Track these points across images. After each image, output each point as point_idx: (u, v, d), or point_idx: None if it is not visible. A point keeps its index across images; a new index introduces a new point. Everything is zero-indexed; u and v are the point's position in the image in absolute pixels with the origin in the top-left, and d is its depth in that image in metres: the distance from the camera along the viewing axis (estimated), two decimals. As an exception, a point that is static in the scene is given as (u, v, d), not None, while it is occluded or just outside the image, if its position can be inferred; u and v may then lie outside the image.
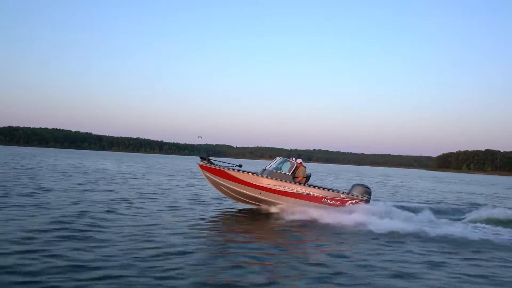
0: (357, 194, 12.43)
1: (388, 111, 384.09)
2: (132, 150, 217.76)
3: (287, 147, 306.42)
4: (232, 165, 12.75)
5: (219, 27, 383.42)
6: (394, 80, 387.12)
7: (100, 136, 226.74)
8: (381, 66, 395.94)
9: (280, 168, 12.43)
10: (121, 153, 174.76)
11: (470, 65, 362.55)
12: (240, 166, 12.76)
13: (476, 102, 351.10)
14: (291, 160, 12.68)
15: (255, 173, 12.70)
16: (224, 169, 12.40)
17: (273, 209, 12.20)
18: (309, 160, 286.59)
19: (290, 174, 12.23)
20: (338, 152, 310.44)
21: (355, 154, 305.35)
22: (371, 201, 12.77)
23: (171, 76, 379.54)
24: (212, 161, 12.83)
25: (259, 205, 12.65)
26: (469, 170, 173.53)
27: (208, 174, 12.65)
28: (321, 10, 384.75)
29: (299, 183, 12.34)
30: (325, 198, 12.15)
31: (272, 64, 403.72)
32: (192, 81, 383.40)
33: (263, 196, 12.18)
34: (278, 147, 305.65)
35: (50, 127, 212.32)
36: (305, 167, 12.71)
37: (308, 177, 12.86)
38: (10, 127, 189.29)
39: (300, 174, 12.46)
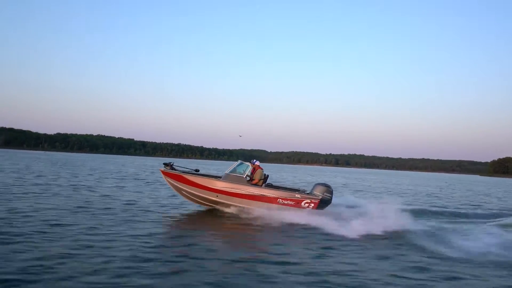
0: (316, 194, 12.56)
1: (424, 115, 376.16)
2: (175, 156, 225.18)
3: (323, 152, 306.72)
4: (191, 170, 13.16)
5: (257, 31, 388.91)
6: (434, 85, 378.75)
7: (144, 142, 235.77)
8: (413, 70, 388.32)
9: (237, 171, 12.67)
10: (167, 158, 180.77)
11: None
12: (197, 170, 13.24)
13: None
14: (248, 162, 12.98)
15: (219, 177, 12.92)
16: (182, 174, 12.71)
17: (229, 210, 12.45)
18: (348, 165, 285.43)
19: (245, 176, 12.50)
20: (373, 157, 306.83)
21: (392, 158, 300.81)
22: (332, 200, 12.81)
23: (212, 84, 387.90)
24: (174, 167, 13.16)
25: (215, 206, 12.94)
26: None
27: (169, 180, 12.99)
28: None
29: (255, 185, 12.60)
30: (280, 198, 12.36)
31: (307, 69, 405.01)
32: (229, 87, 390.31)
33: (220, 198, 12.52)
34: (314, 151, 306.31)
35: (95, 133, 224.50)
36: (262, 169, 12.96)
37: (265, 179, 13.09)
38: (65, 134, 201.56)
39: (257, 176, 12.75)
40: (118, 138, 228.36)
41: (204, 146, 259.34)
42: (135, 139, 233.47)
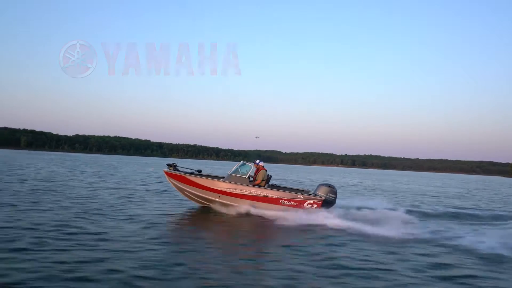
0: (319, 194, 12.54)
1: (441, 113, 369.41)
2: (191, 157, 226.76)
3: (338, 152, 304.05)
4: (193, 171, 13.30)
5: (281, 30, 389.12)
6: (448, 83, 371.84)
7: (161, 143, 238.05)
8: (428, 69, 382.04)
9: (239, 172, 12.70)
10: (182, 159, 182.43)
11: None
12: (199, 171, 13.35)
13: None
14: (251, 163, 13.00)
15: (222, 178, 13.06)
16: (185, 175, 12.84)
17: (231, 211, 12.29)
18: (364, 165, 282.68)
19: (247, 177, 12.53)
20: (390, 157, 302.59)
21: (409, 159, 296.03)
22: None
23: (225, 85, 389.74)
24: (177, 168, 13.31)
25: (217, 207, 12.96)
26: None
27: (172, 180, 13.18)
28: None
29: (258, 185, 12.62)
30: (282, 199, 12.35)
31: (319, 70, 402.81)
32: (243, 89, 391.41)
33: (222, 199, 12.61)
34: (329, 152, 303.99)
35: (112, 135, 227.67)
36: (265, 170, 12.95)
37: (268, 179, 13.12)
38: (84, 136, 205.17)
39: (260, 176, 12.75)
40: (134, 139, 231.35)
41: (219, 147, 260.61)
42: (151, 140, 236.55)
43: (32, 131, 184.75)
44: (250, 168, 12.68)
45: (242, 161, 13.21)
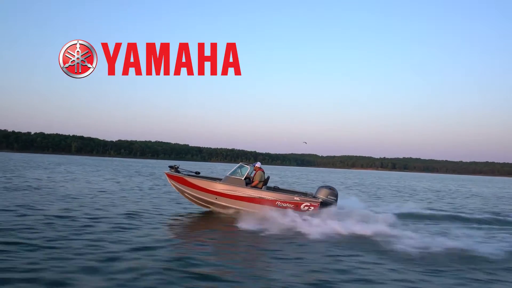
0: (318, 196, 12.43)
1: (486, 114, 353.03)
2: (230, 161, 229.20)
3: (376, 156, 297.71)
4: (191, 173, 13.32)
5: (317, 30, 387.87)
6: (491, 85, 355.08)
7: (200, 148, 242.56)
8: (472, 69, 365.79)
9: (236, 173, 12.74)
10: (222, 163, 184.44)
11: None
12: (197, 173, 13.36)
13: None
14: (248, 165, 12.95)
15: (219, 179, 13.07)
16: (183, 177, 12.94)
17: (228, 212, 12.46)
18: (405, 169, 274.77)
19: (243, 178, 12.53)
20: (431, 160, 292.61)
21: (452, 162, 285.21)
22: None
23: (262, 89, 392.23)
24: (179, 170, 13.38)
25: (217, 209, 12.99)
26: None
27: (173, 182, 13.26)
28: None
29: (254, 187, 12.57)
30: (278, 201, 12.28)
31: (360, 72, 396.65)
32: (278, 92, 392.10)
33: (219, 201, 12.67)
34: (367, 155, 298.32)
35: (153, 140, 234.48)
36: (263, 171, 12.95)
37: (266, 180, 13.05)
38: (128, 141, 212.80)
39: (257, 178, 12.72)
40: (174, 144, 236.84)
41: (257, 151, 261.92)
42: (190, 145, 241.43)
43: (81, 137, 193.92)
44: (247, 170, 12.71)
45: (240, 163, 13.23)
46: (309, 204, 12.20)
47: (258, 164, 13.09)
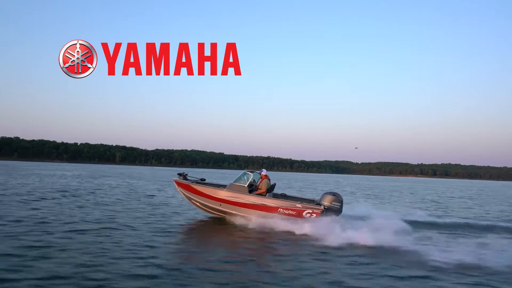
0: (321, 203, 12.52)
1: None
2: (267, 169, 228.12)
3: (413, 162, 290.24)
4: (197, 180, 13.55)
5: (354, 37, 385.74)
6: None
7: (236, 156, 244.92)
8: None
9: (240, 180, 12.96)
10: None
11: None
12: (203, 180, 13.63)
13: None
14: (253, 172, 13.22)
15: (224, 186, 13.34)
16: (189, 184, 13.23)
17: (236, 220, 12.64)
18: (447, 175, 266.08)
19: (246, 185, 12.77)
20: (472, 166, 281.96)
21: (496, 167, 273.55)
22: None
23: (296, 97, 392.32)
24: (187, 177, 13.63)
25: (224, 216, 13.23)
26: None
27: (181, 189, 13.58)
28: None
29: (259, 194, 12.73)
30: (280, 208, 12.43)
31: (397, 76, 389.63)
32: (312, 99, 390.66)
33: (223, 207, 12.93)
34: (403, 162, 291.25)
35: (189, 148, 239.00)
36: (269, 178, 13.06)
37: (271, 188, 13.23)
38: (168, 150, 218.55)
39: (263, 186, 12.88)
40: (209, 152, 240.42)
41: (292, 159, 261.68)
42: (224, 153, 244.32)
43: (124, 147, 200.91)
44: (250, 177, 13.02)
45: (244, 170, 13.58)
46: (311, 211, 12.37)
47: (264, 172, 13.37)
